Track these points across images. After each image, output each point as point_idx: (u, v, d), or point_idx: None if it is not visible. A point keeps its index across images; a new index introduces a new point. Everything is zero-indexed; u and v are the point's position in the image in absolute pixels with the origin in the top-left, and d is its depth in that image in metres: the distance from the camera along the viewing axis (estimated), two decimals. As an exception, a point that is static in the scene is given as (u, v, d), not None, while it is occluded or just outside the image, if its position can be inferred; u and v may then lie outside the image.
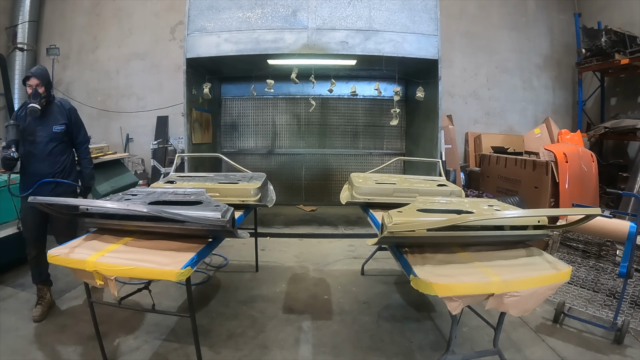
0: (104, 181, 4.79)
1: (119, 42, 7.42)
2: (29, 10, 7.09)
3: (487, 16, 7.41)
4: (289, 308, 3.10)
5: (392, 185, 2.99)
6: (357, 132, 6.42)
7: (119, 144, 7.30)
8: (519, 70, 7.50)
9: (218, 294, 3.31)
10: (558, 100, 7.58)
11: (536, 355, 2.47)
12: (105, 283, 1.85)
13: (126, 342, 2.53)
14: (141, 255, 1.95)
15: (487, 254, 2.02)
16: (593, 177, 4.82)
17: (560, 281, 1.83)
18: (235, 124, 6.45)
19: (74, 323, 2.73)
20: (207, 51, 4.52)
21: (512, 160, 5.39)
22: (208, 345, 2.50)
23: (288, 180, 6.41)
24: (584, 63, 6.51)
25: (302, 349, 2.52)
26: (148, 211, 1.89)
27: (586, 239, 3.23)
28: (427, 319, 2.95)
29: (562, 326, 2.83)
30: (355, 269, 3.87)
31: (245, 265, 3.97)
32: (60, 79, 7.48)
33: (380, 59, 4.58)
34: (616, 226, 2.72)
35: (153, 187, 2.82)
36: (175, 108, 7.11)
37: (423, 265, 1.85)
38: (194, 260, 1.93)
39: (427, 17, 4.53)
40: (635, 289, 2.86)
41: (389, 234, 1.89)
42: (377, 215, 2.60)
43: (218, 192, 2.78)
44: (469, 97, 7.49)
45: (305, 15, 4.44)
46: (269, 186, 3.35)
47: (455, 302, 1.68)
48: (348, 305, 3.15)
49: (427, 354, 2.49)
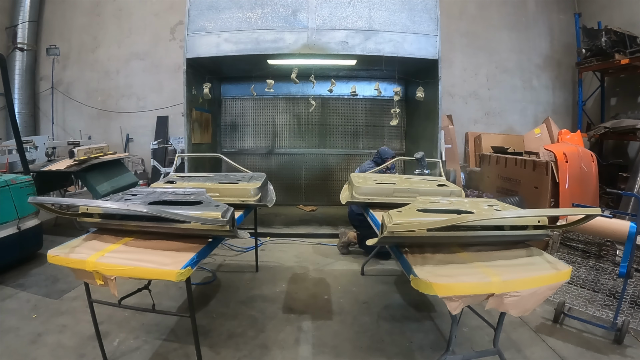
0: (104, 181, 4.80)
1: (119, 42, 7.43)
2: (29, 10, 7.11)
3: (487, 16, 7.42)
4: (289, 308, 3.10)
5: (392, 185, 2.99)
6: (357, 132, 6.42)
7: (119, 144, 7.31)
8: (519, 70, 7.50)
9: (218, 294, 3.31)
10: (558, 100, 7.58)
11: (536, 355, 2.47)
12: (105, 283, 1.85)
13: (126, 342, 2.53)
14: (141, 255, 1.95)
15: (487, 254, 2.02)
16: (593, 177, 4.82)
17: (560, 281, 1.83)
18: (235, 124, 6.45)
19: (74, 323, 2.73)
20: (207, 51, 4.52)
21: (512, 160, 5.39)
22: (208, 345, 2.50)
23: (288, 180, 6.41)
24: (584, 63, 6.51)
25: (302, 349, 2.52)
26: (148, 211, 1.89)
27: (586, 239, 3.23)
28: (427, 319, 2.95)
29: (562, 326, 2.82)
30: (355, 269, 3.87)
31: (245, 265, 3.97)
32: (60, 79, 7.49)
33: (380, 59, 4.58)
34: (616, 226, 2.72)
35: (153, 187, 2.82)
36: (175, 108, 7.12)
37: (423, 265, 1.85)
38: (194, 260, 1.93)
39: (427, 17, 4.53)
40: (635, 289, 2.86)
41: (389, 234, 1.89)
42: (377, 215, 2.60)
43: (218, 192, 2.78)
44: (469, 97, 7.50)
45: (305, 15, 4.44)
46: (269, 186, 3.34)
47: (455, 302, 1.68)
48: (348, 305, 3.15)
49: (427, 354, 2.49)
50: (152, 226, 2.10)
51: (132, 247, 2.05)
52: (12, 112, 4.06)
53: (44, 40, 7.41)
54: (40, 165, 4.90)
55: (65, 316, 2.84)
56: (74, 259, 1.91)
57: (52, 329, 2.67)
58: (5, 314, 2.85)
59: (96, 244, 2.07)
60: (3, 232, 3.47)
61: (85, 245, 2.06)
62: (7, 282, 3.38)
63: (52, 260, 1.93)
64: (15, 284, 3.36)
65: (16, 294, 3.18)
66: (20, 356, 2.36)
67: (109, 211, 2.13)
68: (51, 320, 2.78)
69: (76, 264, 1.89)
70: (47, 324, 2.73)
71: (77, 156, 4.70)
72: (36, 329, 2.66)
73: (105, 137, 7.26)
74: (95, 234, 2.23)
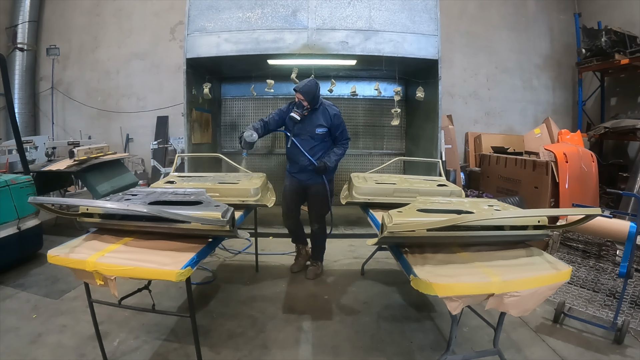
0: (104, 181, 4.80)
1: (119, 42, 7.42)
2: (29, 10, 7.10)
3: (487, 16, 7.42)
4: (289, 308, 3.10)
5: (392, 185, 2.99)
6: (357, 132, 6.41)
7: (119, 144, 7.31)
8: (519, 70, 7.50)
9: (218, 294, 3.31)
10: (558, 100, 7.58)
11: (536, 355, 2.47)
12: (105, 283, 1.85)
13: (126, 342, 2.53)
14: (141, 255, 1.95)
15: (487, 254, 2.02)
16: (593, 177, 4.82)
17: (560, 281, 1.83)
18: (235, 124, 6.44)
19: (74, 323, 2.73)
20: (207, 51, 4.52)
21: (512, 160, 5.39)
22: (208, 345, 2.49)
23: (288, 180, 6.40)
24: (584, 63, 6.51)
25: (302, 349, 2.52)
26: (148, 211, 1.89)
27: (586, 239, 3.23)
28: (427, 319, 2.95)
29: (562, 326, 2.82)
30: (355, 269, 3.87)
31: (245, 265, 3.97)
32: (60, 79, 7.49)
33: (380, 59, 4.58)
34: (616, 226, 2.72)
35: (153, 187, 2.81)
36: (175, 108, 7.12)
37: (423, 265, 1.85)
38: (194, 260, 1.93)
39: (427, 17, 4.53)
40: (635, 289, 2.86)
41: (389, 234, 1.89)
42: (377, 215, 2.60)
43: (218, 192, 2.78)
44: (469, 97, 7.50)
45: (305, 15, 4.44)
46: (269, 186, 3.35)
47: (455, 302, 1.68)
48: (348, 305, 3.15)
49: (427, 354, 2.49)
50: (152, 226, 2.10)
51: (132, 247, 2.05)
52: (12, 112, 4.06)
53: (44, 40, 7.41)
54: (40, 165, 4.90)
55: (65, 316, 2.84)
56: (74, 259, 1.91)
57: (52, 329, 2.67)
58: (5, 314, 2.85)
59: (96, 244, 2.07)
60: (3, 232, 3.47)
61: (85, 245, 2.06)
62: (7, 282, 3.38)
63: (52, 260, 1.93)
64: (15, 284, 3.36)
65: (16, 294, 3.18)
66: (20, 356, 2.36)
67: (109, 211, 2.13)
68: (51, 320, 2.78)
69: (76, 264, 1.89)
70: (47, 324, 2.73)
71: (77, 156, 4.70)
72: (36, 329, 2.66)
73: (105, 137, 7.26)
74: (95, 234, 2.23)
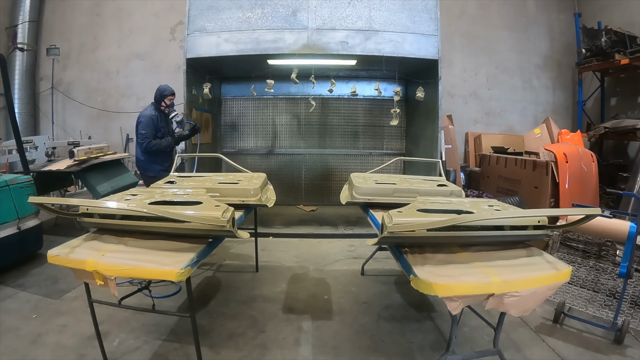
0: (104, 181, 4.80)
1: (119, 42, 7.42)
2: (29, 10, 7.10)
3: (487, 16, 7.42)
4: (289, 308, 3.10)
5: (392, 185, 2.99)
6: (357, 132, 6.42)
7: (119, 144, 7.31)
8: (519, 70, 7.50)
9: (218, 294, 3.31)
10: (558, 100, 7.58)
11: (536, 355, 2.47)
12: (105, 283, 1.85)
13: (126, 342, 2.53)
14: (141, 255, 1.95)
15: (487, 254, 2.02)
16: (593, 177, 4.82)
17: (560, 281, 1.83)
18: (235, 124, 6.45)
19: (74, 323, 2.73)
20: (207, 51, 4.52)
21: (512, 160, 5.39)
22: (208, 345, 2.50)
23: (288, 180, 6.41)
24: (584, 63, 6.51)
25: (302, 349, 2.52)
26: (148, 211, 1.89)
27: (586, 239, 3.23)
28: (427, 319, 2.95)
29: (562, 326, 2.82)
30: (355, 269, 3.87)
31: (245, 265, 3.97)
32: (60, 79, 7.49)
33: (380, 59, 4.58)
34: (616, 226, 2.72)
35: (153, 187, 2.82)
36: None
37: (423, 265, 1.84)
38: (194, 260, 1.93)
39: (427, 17, 4.53)
40: (635, 289, 2.86)
41: (389, 234, 1.88)
42: (377, 215, 2.60)
43: (218, 192, 2.78)
44: (469, 97, 7.50)
45: (305, 15, 4.44)
46: (269, 186, 3.34)
47: (455, 302, 1.68)
48: (348, 305, 3.15)
49: (427, 354, 2.49)
50: (152, 226, 2.10)
51: (132, 247, 2.05)
52: (12, 112, 4.06)
53: (44, 40, 7.41)
54: (40, 165, 4.91)
55: (65, 316, 2.84)
56: (74, 259, 1.91)
57: (52, 329, 2.67)
58: (5, 314, 2.85)
59: (96, 244, 2.07)
60: (3, 232, 3.47)
61: (85, 245, 2.06)
62: (7, 282, 3.38)
63: (52, 260, 1.93)
64: (15, 284, 3.36)
65: (16, 294, 3.18)
66: (20, 356, 2.36)
67: (109, 211, 2.13)
68: (51, 320, 2.78)
69: (76, 264, 1.89)
70: (47, 324, 2.73)
71: (77, 156, 4.70)
72: (36, 329, 2.66)
73: (105, 137, 7.25)
74: (95, 234, 2.23)
